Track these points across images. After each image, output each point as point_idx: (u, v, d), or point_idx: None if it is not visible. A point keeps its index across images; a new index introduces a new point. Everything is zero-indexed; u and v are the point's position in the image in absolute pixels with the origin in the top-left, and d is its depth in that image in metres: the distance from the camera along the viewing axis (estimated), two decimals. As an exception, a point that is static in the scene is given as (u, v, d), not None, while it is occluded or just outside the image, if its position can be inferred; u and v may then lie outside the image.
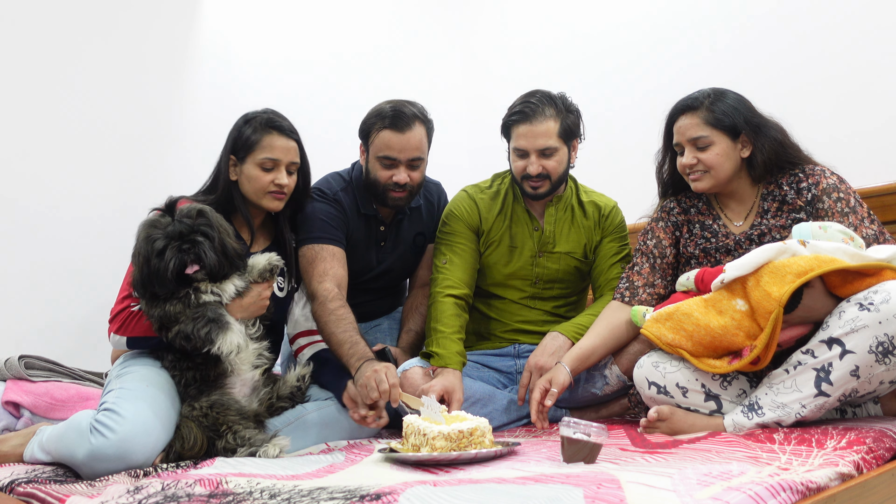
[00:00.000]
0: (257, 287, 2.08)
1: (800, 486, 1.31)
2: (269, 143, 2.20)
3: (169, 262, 1.91)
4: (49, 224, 2.79)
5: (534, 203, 2.47)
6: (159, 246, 1.93)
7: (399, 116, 2.34)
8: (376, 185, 2.40)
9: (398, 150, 2.35)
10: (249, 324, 2.08)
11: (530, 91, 2.40)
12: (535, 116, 2.31)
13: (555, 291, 2.50)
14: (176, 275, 1.93)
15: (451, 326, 2.29)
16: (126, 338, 2.07)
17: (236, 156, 2.22)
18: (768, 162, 2.09)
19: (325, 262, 2.31)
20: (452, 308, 2.34)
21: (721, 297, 1.89)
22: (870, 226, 2.00)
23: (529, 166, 2.34)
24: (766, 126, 2.10)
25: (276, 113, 2.27)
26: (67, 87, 2.88)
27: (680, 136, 2.15)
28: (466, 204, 2.48)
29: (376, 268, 2.55)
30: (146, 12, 3.10)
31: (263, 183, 2.19)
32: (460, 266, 2.42)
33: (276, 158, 2.20)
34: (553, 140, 2.33)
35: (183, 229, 1.94)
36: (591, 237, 2.50)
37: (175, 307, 1.95)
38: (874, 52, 2.82)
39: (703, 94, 2.14)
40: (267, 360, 2.14)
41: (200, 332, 1.93)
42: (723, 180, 2.12)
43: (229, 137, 2.26)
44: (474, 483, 1.48)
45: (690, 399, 1.94)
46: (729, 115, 2.08)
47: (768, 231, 2.10)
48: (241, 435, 1.93)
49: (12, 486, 1.72)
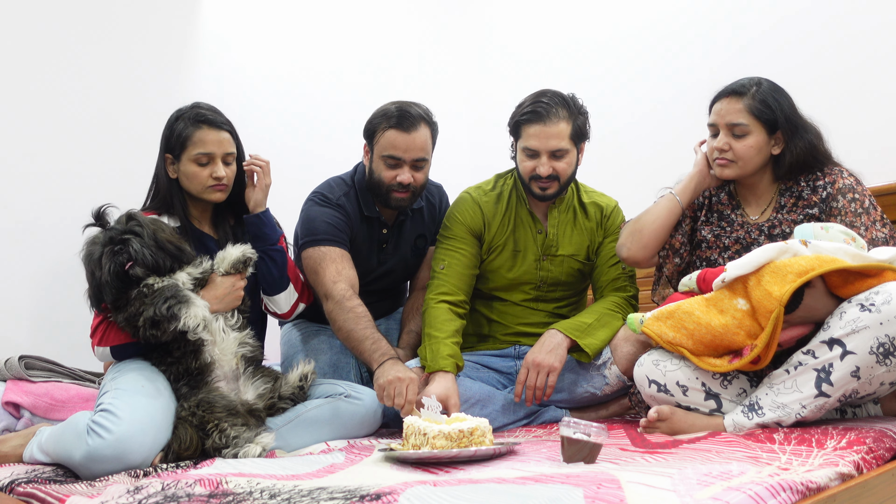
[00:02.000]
0: (230, 278, 2.12)
1: (800, 486, 1.31)
2: (200, 138, 2.20)
3: (105, 266, 1.97)
4: (49, 224, 2.79)
5: (537, 205, 2.46)
6: (96, 256, 2.00)
7: (405, 116, 2.34)
8: (380, 185, 2.40)
9: (403, 149, 2.35)
10: (228, 315, 2.11)
11: (541, 90, 2.38)
12: (549, 117, 2.29)
13: (558, 293, 2.49)
14: (115, 276, 1.98)
15: (444, 331, 2.27)
16: (109, 348, 2.09)
17: (171, 154, 2.23)
18: (795, 164, 2.08)
19: (337, 263, 2.32)
20: (446, 313, 2.32)
21: (722, 296, 1.89)
22: (881, 228, 2.00)
23: (540, 167, 2.32)
24: (803, 128, 2.09)
25: (205, 105, 2.27)
26: (67, 88, 2.88)
27: (719, 117, 2.12)
28: (469, 207, 2.46)
29: (377, 269, 2.55)
30: (146, 12, 3.10)
31: (202, 178, 2.20)
32: (457, 272, 2.40)
33: (209, 152, 2.20)
34: (565, 142, 2.31)
35: (113, 234, 2.01)
36: (593, 238, 2.48)
37: (134, 305, 1.98)
38: (874, 51, 2.82)
39: (752, 81, 2.11)
40: (252, 348, 2.16)
41: (162, 309, 1.95)
42: (748, 172, 2.12)
43: (163, 137, 2.27)
44: (474, 483, 1.47)
45: (690, 397, 1.94)
46: (772, 108, 2.06)
47: (779, 224, 2.10)
48: (227, 434, 1.93)
49: (12, 486, 1.72)
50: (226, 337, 2.09)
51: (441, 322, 2.29)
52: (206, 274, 2.11)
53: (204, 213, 2.31)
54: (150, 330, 1.97)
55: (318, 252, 2.34)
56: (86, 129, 2.91)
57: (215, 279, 2.12)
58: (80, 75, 2.91)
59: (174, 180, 2.25)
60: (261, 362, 2.24)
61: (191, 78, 3.21)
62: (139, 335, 2.00)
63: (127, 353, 2.11)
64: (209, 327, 2.03)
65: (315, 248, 2.35)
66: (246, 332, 2.16)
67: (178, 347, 2.05)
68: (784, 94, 2.11)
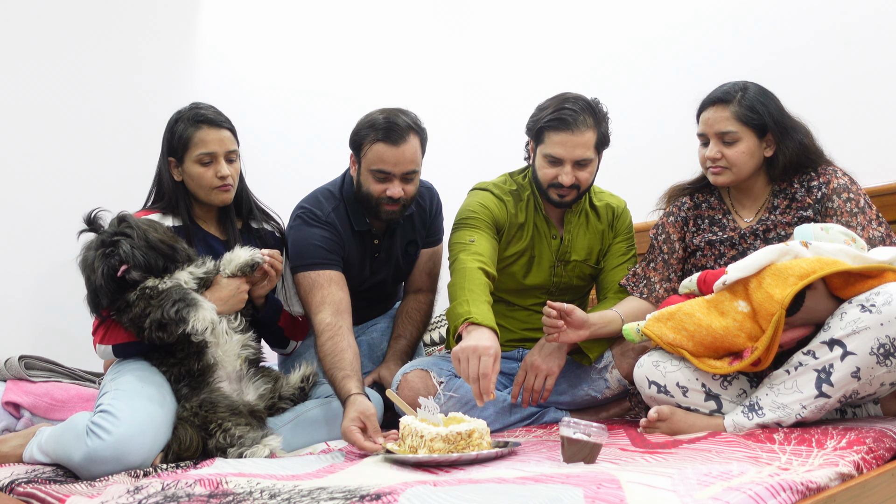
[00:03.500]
0: (236, 281, 2.11)
1: (800, 486, 1.31)
2: (201, 138, 2.19)
3: (98, 269, 1.98)
4: (49, 224, 2.79)
5: (553, 210, 2.39)
6: (90, 261, 2.00)
7: (393, 129, 2.23)
8: (369, 198, 2.31)
9: (392, 163, 2.25)
10: (231, 317, 2.10)
11: (563, 95, 2.27)
12: (577, 126, 2.19)
13: (567, 297, 2.45)
14: (109, 279, 1.98)
15: (483, 294, 2.09)
16: (111, 346, 2.09)
17: (174, 157, 2.23)
18: (789, 165, 2.09)
19: (322, 290, 2.25)
20: (484, 279, 2.14)
21: (723, 298, 1.89)
22: (877, 228, 2.01)
23: (563, 176, 2.24)
24: (793, 128, 2.09)
25: (204, 105, 2.27)
26: (67, 88, 2.88)
27: (707, 127, 2.13)
28: (495, 203, 2.35)
29: (370, 279, 2.50)
30: (146, 15, 3.10)
31: (207, 179, 2.20)
32: (487, 247, 2.25)
33: (211, 151, 2.19)
34: (590, 151, 2.24)
35: (105, 238, 2.01)
36: (603, 241, 2.44)
37: (139, 306, 1.98)
38: (874, 51, 2.82)
39: (736, 87, 2.11)
40: (254, 350, 2.16)
41: (170, 313, 1.94)
42: (742, 177, 2.12)
43: (164, 140, 2.26)
44: (474, 483, 1.47)
45: (690, 398, 1.94)
46: (759, 113, 2.07)
47: (773, 227, 2.11)
48: (231, 433, 1.92)
49: (12, 486, 1.72)
50: (229, 339, 2.08)
51: (479, 285, 2.11)
52: (209, 274, 2.10)
53: (209, 213, 2.31)
54: (157, 332, 1.96)
55: (307, 279, 2.28)
56: (86, 129, 2.91)
57: (220, 280, 2.11)
58: (80, 76, 2.91)
59: (179, 183, 2.24)
60: (261, 363, 2.24)
61: (191, 79, 3.21)
62: (144, 336, 2.00)
63: (129, 352, 2.10)
64: (214, 329, 2.03)
65: (305, 275, 2.29)
66: (249, 334, 2.15)
67: (182, 349, 2.04)
68: (770, 96, 2.11)
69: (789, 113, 2.12)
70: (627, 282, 2.33)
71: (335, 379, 2.07)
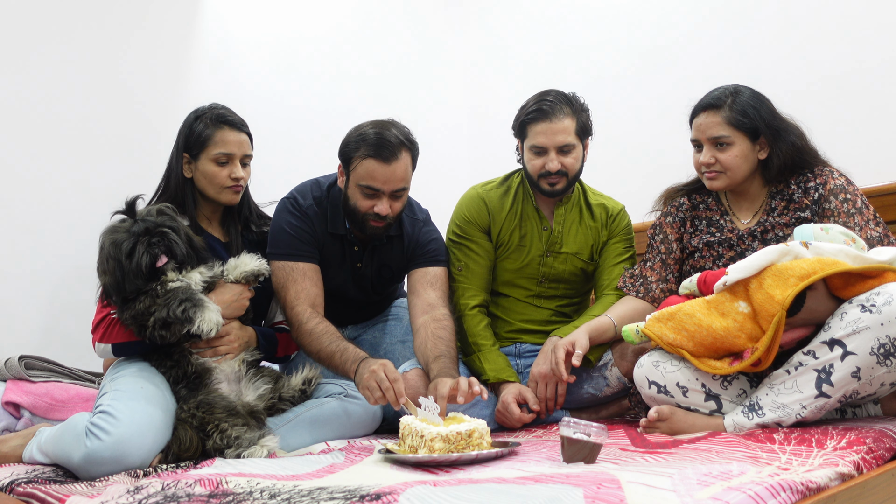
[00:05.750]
0: (238, 287, 2.13)
1: (800, 486, 1.31)
2: (221, 138, 2.22)
3: (141, 257, 1.96)
4: (49, 224, 2.79)
5: (544, 202, 2.47)
6: (128, 247, 1.98)
7: (384, 145, 2.17)
8: (355, 213, 2.27)
9: (382, 181, 2.20)
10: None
11: (543, 91, 2.41)
12: (554, 114, 2.32)
13: (559, 291, 2.49)
14: (147, 267, 1.97)
15: (489, 339, 2.37)
16: (111, 345, 2.08)
17: (189, 153, 2.24)
18: (783, 166, 2.10)
19: (297, 284, 2.25)
20: (483, 320, 2.40)
21: (724, 298, 1.89)
22: (875, 227, 2.01)
23: (549, 163, 2.34)
24: (785, 130, 2.10)
25: (225, 107, 2.29)
26: (67, 87, 2.88)
27: (700, 132, 2.14)
28: (474, 204, 2.47)
29: (353, 290, 2.45)
30: (146, 14, 3.10)
31: (221, 178, 2.22)
32: (477, 272, 2.44)
33: (230, 153, 2.22)
34: (571, 137, 2.35)
35: (149, 226, 2.00)
36: (597, 238, 2.49)
37: (144, 303, 1.98)
38: (874, 51, 2.82)
39: (727, 92, 2.12)
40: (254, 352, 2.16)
41: (177, 312, 1.94)
42: (738, 181, 2.13)
43: (180, 135, 2.27)
44: (474, 483, 1.47)
45: (690, 399, 1.94)
46: (751, 116, 2.08)
47: (772, 228, 2.11)
48: (228, 434, 1.92)
49: (12, 486, 1.72)
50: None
51: (482, 330, 2.38)
52: (215, 278, 2.11)
53: (214, 214, 2.32)
54: (160, 331, 1.96)
55: (282, 270, 2.27)
56: (86, 128, 2.91)
57: (224, 284, 2.12)
58: (80, 75, 2.91)
59: (189, 180, 2.26)
60: (261, 364, 2.24)
61: (191, 79, 3.21)
62: (145, 334, 1.99)
63: (128, 352, 2.09)
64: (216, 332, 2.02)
65: (280, 264, 2.28)
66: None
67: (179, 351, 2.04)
68: (762, 99, 2.12)
69: (782, 115, 2.13)
70: (625, 282, 2.34)
71: (338, 349, 2.10)
